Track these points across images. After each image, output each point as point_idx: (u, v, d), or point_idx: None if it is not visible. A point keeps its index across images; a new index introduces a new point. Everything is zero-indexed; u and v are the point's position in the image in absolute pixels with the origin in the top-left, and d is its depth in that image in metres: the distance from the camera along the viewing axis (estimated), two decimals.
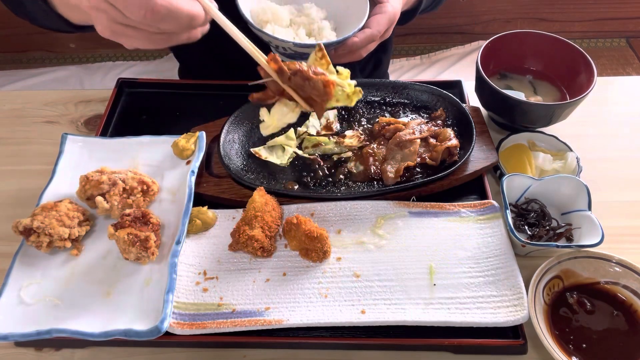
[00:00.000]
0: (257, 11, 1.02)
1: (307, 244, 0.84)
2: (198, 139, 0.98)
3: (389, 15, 0.97)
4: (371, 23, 0.96)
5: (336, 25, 1.07)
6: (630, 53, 2.75)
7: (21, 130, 1.15)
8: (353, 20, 1.00)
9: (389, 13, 0.97)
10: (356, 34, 0.95)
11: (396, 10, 0.98)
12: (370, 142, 1.02)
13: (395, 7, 0.98)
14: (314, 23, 1.04)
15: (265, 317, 0.79)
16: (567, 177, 0.92)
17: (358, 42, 0.95)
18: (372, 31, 0.95)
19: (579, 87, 1.05)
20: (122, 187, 0.88)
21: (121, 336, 0.73)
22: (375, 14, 0.98)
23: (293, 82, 0.81)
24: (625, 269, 0.83)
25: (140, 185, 0.90)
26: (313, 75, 0.80)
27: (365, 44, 0.96)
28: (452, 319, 0.78)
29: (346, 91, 0.84)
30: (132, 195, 0.89)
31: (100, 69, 2.55)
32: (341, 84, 0.83)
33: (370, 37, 0.95)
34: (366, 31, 0.95)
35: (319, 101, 0.82)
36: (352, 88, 0.85)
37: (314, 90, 0.81)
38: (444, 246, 0.87)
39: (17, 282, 0.81)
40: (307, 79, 0.80)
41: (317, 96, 0.81)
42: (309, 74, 0.80)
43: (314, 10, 1.06)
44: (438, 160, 0.96)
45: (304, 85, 0.81)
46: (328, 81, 0.80)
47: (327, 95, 0.81)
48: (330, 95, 0.81)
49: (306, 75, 0.80)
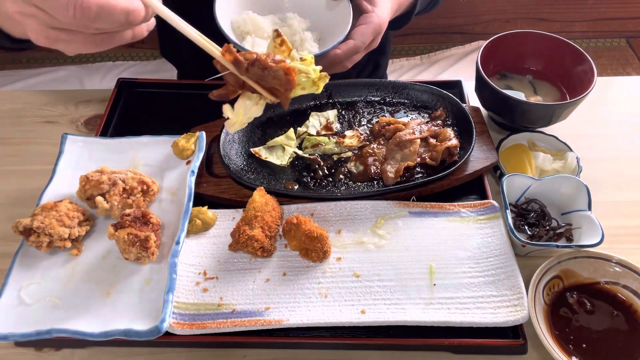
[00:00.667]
0: (238, 22, 1.01)
1: (307, 244, 0.84)
2: (198, 139, 0.98)
3: (374, 26, 0.94)
4: (355, 34, 0.94)
5: (320, 36, 1.05)
6: (630, 53, 2.75)
7: (21, 130, 1.15)
8: (337, 31, 0.97)
9: (374, 24, 0.94)
10: (339, 46, 0.93)
11: (382, 20, 0.96)
12: (371, 142, 1.02)
13: (381, 16, 0.96)
14: (296, 34, 1.02)
15: (265, 317, 0.79)
16: (567, 177, 0.92)
17: (340, 54, 0.93)
18: (356, 43, 0.93)
19: (579, 87, 1.05)
20: (122, 187, 0.88)
21: (121, 336, 0.73)
22: (360, 24, 0.95)
23: (252, 73, 0.75)
24: (625, 269, 0.83)
25: (140, 185, 0.90)
26: (272, 64, 0.74)
27: (348, 55, 0.94)
28: (452, 319, 0.78)
29: (311, 77, 0.79)
30: (132, 195, 0.89)
31: (100, 69, 2.55)
32: (305, 70, 0.78)
33: (354, 49, 0.93)
34: (349, 43, 0.93)
35: (283, 90, 0.76)
36: (317, 74, 0.79)
37: (275, 80, 0.75)
38: (444, 246, 0.87)
39: (17, 282, 0.81)
40: (266, 68, 0.74)
41: (280, 85, 0.76)
42: (267, 63, 0.74)
43: (296, 21, 1.04)
44: (438, 160, 0.96)
45: (263, 75, 0.75)
46: (289, 69, 0.74)
47: (289, 83, 0.75)
48: (293, 84, 0.76)
49: (264, 64, 0.74)
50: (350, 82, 1.11)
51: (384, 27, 0.97)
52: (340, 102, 1.11)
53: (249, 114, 0.81)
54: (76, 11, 0.62)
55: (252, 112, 0.81)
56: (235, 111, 0.82)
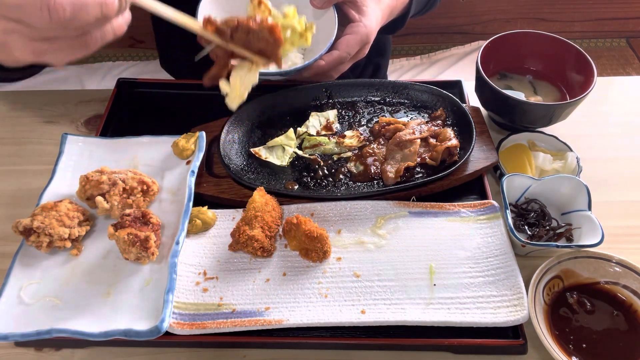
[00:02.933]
0: None
1: (307, 244, 0.84)
2: (198, 139, 0.98)
3: (361, 36, 0.93)
4: (340, 45, 0.92)
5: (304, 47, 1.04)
6: (630, 53, 2.75)
7: (21, 130, 1.15)
8: (322, 42, 0.95)
9: (361, 34, 0.93)
10: (323, 57, 0.91)
11: (370, 30, 0.94)
12: (371, 143, 1.02)
13: (369, 25, 0.94)
14: None
15: (265, 317, 0.79)
16: (567, 177, 0.92)
17: (325, 66, 0.91)
18: (340, 53, 0.92)
19: (579, 87, 1.05)
20: (122, 187, 0.88)
21: (121, 336, 0.73)
22: (346, 34, 0.94)
23: (237, 40, 0.73)
24: (625, 269, 0.83)
25: (140, 185, 0.90)
26: (255, 26, 0.73)
27: (332, 66, 0.92)
28: (452, 319, 0.78)
29: (298, 30, 0.77)
30: (132, 195, 0.89)
31: (100, 69, 2.55)
32: (289, 25, 0.77)
33: (338, 60, 0.92)
34: (333, 53, 0.92)
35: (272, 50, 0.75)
36: (302, 25, 0.78)
37: (261, 42, 0.74)
38: (444, 246, 0.87)
39: (17, 282, 0.81)
40: (250, 31, 0.73)
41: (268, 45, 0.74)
42: (250, 26, 0.72)
43: None
44: (438, 160, 0.96)
45: (249, 39, 0.73)
46: (272, 27, 0.73)
47: (276, 42, 0.74)
48: (280, 41, 0.74)
49: (247, 27, 0.72)
50: (350, 82, 1.11)
51: (372, 37, 0.96)
52: (340, 102, 1.11)
53: (245, 84, 0.80)
54: (51, 12, 0.61)
55: (248, 80, 0.80)
56: (232, 85, 0.81)
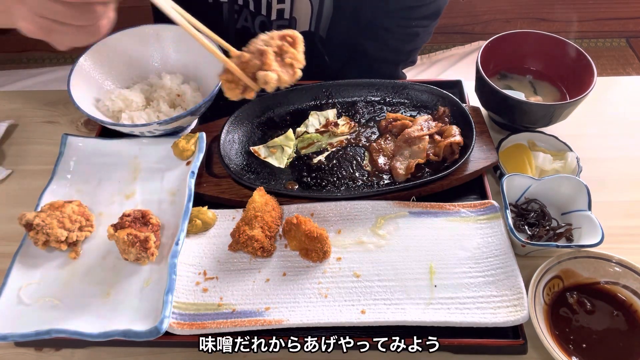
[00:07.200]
0: (107, 104, 1.01)
1: (307, 244, 0.84)
2: (198, 139, 0.98)
3: None
4: None
5: (199, 85, 1.06)
6: (630, 53, 2.75)
7: (21, 130, 1.15)
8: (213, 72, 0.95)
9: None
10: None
11: None
12: (361, 133, 1.04)
13: None
14: (173, 92, 1.03)
15: (265, 317, 0.79)
16: (567, 177, 0.92)
17: None
18: None
19: (579, 87, 1.05)
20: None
21: (120, 337, 0.73)
22: None
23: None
24: (625, 269, 0.83)
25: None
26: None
27: None
28: (452, 319, 0.78)
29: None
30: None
31: None
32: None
33: None
34: None
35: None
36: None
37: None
38: (444, 246, 0.87)
39: (16, 282, 0.81)
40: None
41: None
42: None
43: (168, 79, 1.04)
44: (441, 156, 0.97)
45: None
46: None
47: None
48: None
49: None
50: (351, 82, 1.11)
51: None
52: (340, 102, 1.11)
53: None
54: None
55: None
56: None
